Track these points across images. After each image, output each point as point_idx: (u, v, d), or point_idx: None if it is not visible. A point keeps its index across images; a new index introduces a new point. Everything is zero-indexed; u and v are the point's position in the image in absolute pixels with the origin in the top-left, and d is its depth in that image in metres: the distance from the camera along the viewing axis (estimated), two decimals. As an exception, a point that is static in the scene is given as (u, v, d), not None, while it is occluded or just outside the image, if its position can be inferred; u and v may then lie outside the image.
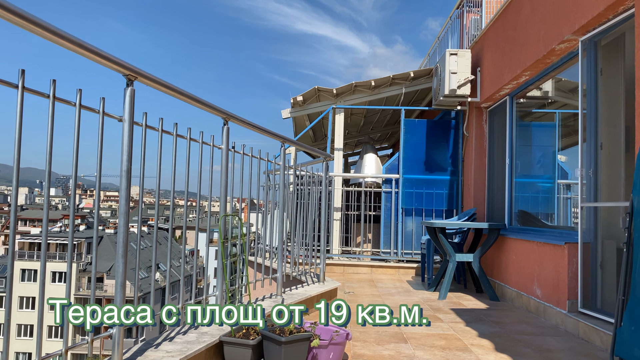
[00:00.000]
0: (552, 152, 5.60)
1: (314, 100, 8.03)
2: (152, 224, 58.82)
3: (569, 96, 5.36)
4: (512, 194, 6.08)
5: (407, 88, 7.91)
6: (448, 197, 7.38)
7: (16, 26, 1.64)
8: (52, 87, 1.82)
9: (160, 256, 45.80)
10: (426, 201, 7.38)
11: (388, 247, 7.42)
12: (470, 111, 7.04)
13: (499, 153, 6.48)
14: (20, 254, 46.97)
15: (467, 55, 6.57)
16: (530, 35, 4.98)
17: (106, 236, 49.39)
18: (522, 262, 5.05)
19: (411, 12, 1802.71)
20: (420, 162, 7.47)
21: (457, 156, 7.40)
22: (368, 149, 8.86)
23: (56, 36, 1.78)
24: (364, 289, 5.95)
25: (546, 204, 5.68)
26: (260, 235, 4.51)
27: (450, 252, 5.58)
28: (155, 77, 2.40)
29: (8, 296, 1.75)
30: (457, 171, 7.38)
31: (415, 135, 7.51)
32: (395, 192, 7.44)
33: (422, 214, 7.38)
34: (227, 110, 3.17)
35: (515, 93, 5.96)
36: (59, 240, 46.58)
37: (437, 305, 5.06)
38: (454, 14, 8.46)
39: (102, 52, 2.02)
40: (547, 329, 4.08)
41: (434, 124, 7.54)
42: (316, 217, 5.27)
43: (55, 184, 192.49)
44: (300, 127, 9.95)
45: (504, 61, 5.74)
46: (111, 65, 2.10)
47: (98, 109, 2.10)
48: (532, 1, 4.96)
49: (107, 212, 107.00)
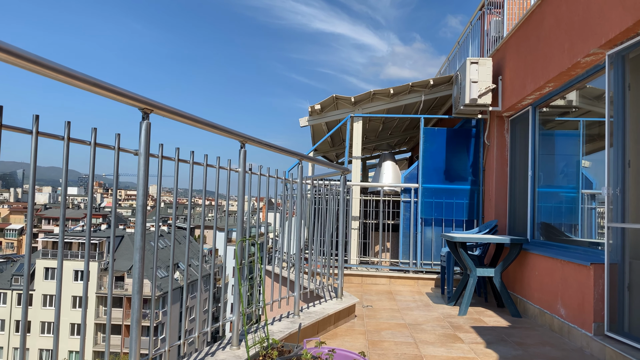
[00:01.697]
0: (576, 161, 5.46)
1: (332, 108, 7.97)
2: (169, 230, 59.22)
3: (593, 103, 5.21)
4: (534, 206, 5.95)
5: (426, 95, 7.81)
6: (468, 207, 7.26)
7: (28, 71, 1.62)
8: (66, 129, 1.80)
9: (179, 255, 46.17)
10: (446, 211, 7.27)
11: (407, 257, 7.34)
12: (492, 120, 6.91)
13: (521, 163, 6.34)
14: (43, 252, 47.88)
15: (488, 63, 6.44)
16: (554, 46, 4.85)
17: (126, 235, 50.03)
18: (545, 279, 4.92)
19: (430, 10, 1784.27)
20: (440, 171, 7.36)
21: (478, 165, 7.28)
22: (386, 157, 8.77)
23: (70, 77, 1.76)
24: (382, 303, 5.88)
25: (570, 215, 5.54)
26: (277, 241, 4.49)
27: (470, 266, 5.47)
28: (171, 107, 2.37)
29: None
30: (478, 181, 7.25)
31: (435, 143, 7.40)
32: (415, 202, 7.34)
33: (441, 224, 7.28)
34: (244, 134, 3.14)
35: (538, 103, 5.82)
36: (81, 239, 47.32)
37: (457, 322, 4.97)
38: (475, 18, 8.32)
39: (117, 88, 2.00)
40: (572, 352, 3.96)
41: (454, 133, 7.42)
42: (334, 229, 5.21)
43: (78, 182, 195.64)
44: (318, 133, 9.90)
45: (527, 71, 5.61)
46: (127, 101, 2.08)
47: (113, 145, 2.08)
48: (556, 12, 4.82)
49: (127, 211, 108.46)
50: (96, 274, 45.34)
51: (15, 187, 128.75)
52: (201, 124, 2.68)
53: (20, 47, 1.53)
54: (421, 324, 4.85)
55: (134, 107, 2.17)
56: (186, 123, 2.57)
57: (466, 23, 8.64)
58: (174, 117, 2.44)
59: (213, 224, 2.81)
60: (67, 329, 43.78)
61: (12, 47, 1.50)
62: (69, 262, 45.90)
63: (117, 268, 45.55)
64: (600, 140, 5.01)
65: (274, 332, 3.47)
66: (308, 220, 5.06)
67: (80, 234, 49.49)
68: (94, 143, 1.95)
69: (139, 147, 2.19)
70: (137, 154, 2.18)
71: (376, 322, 4.87)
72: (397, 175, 8.70)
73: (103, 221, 62.03)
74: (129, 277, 45.79)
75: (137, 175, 2.20)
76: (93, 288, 44.75)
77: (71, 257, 46.60)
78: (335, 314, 4.44)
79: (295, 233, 4.37)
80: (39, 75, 1.67)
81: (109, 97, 2.00)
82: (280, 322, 3.77)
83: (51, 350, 15.77)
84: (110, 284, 2.18)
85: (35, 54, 1.59)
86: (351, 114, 7.69)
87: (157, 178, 2.42)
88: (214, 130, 2.83)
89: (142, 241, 2.17)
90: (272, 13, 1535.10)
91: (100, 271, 46.05)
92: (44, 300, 45.88)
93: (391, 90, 7.59)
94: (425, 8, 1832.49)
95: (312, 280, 5.32)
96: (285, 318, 3.93)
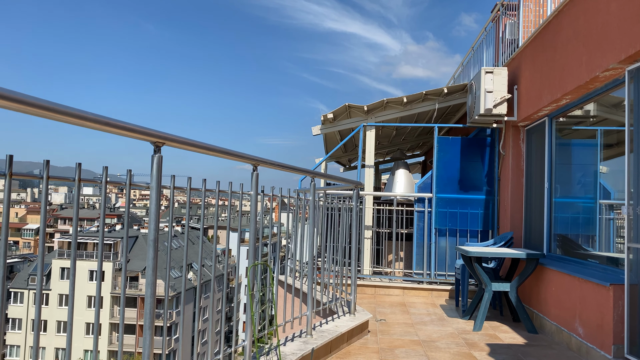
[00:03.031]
0: (594, 171, 5.36)
1: (345, 116, 7.93)
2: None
3: (611, 111, 5.10)
4: (551, 218, 5.85)
5: (440, 103, 7.73)
6: (483, 217, 7.17)
7: (35, 116, 1.60)
8: (77, 171, 1.79)
9: (192, 256, 46.42)
10: (460, 221, 7.18)
11: (421, 268, 7.27)
12: (507, 129, 6.81)
13: (537, 174, 6.24)
14: (59, 252, 48.51)
15: (503, 73, 6.35)
16: (572, 59, 4.75)
17: (141, 235, 50.46)
18: (562, 296, 4.83)
19: (443, 8, 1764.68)
20: (455, 180, 7.28)
21: (493, 175, 7.18)
22: (400, 165, 8.71)
23: (81, 119, 1.74)
24: (396, 316, 5.82)
25: (587, 226, 5.44)
26: (289, 248, 4.47)
27: (486, 281, 5.40)
28: (183, 138, 2.35)
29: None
30: (493, 191, 7.16)
31: (449, 153, 7.32)
32: (428, 212, 7.27)
33: (456, 234, 7.19)
34: (257, 157, 3.12)
35: (554, 115, 5.72)
36: (96, 240, 47.79)
37: (471, 339, 4.90)
38: (489, 24, 8.21)
39: (128, 125, 1.98)
40: (591, 375, 3.88)
41: (469, 142, 7.33)
42: (347, 243, 5.17)
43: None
44: (330, 140, 9.87)
45: (543, 82, 5.51)
46: (139, 136, 2.06)
47: (124, 182, 2.06)
48: (574, 24, 4.73)
49: (141, 211, 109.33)
50: (111, 274, 45.80)
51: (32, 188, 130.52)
52: (213, 151, 2.66)
53: (26, 94, 1.51)
54: (435, 340, 4.79)
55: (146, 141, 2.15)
56: (198, 152, 2.55)
57: (480, 21, 8.59)
58: (186, 148, 2.42)
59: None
60: (82, 328, 44.27)
61: (18, 94, 1.48)
62: (84, 262, 46.42)
63: (132, 268, 45.98)
64: (619, 148, 4.91)
65: (286, 354, 3.44)
66: (321, 232, 5.02)
67: (95, 234, 50.02)
68: (105, 182, 1.93)
69: (150, 181, 2.17)
70: (148, 188, 2.16)
71: (390, 338, 4.82)
72: (411, 183, 8.63)
73: (118, 221, 62.60)
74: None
75: (149, 209, 2.19)
76: (108, 288, 45.23)
77: (86, 257, 47.12)
78: (349, 332, 4.40)
79: (307, 248, 4.34)
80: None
81: (121, 135, 1.98)
82: (292, 343, 3.74)
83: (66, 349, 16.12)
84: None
85: (44, 100, 1.57)
86: (364, 123, 7.64)
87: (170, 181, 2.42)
88: (226, 156, 2.81)
89: (153, 275, 2.15)
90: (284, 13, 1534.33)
91: (115, 271, 46.51)
92: (59, 299, 46.47)
93: (404, 98, 7.53)
94: (438, 6, 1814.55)
95: (325, 293, 5.29)
96: (297, 338, 3.90)
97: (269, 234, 3.79)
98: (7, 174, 1.47)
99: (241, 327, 46.91)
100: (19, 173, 1.55)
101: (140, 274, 46.24)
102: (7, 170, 1.47)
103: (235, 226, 33.28)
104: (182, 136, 2.33)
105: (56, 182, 2.03)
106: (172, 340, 44.68)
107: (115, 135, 1.99)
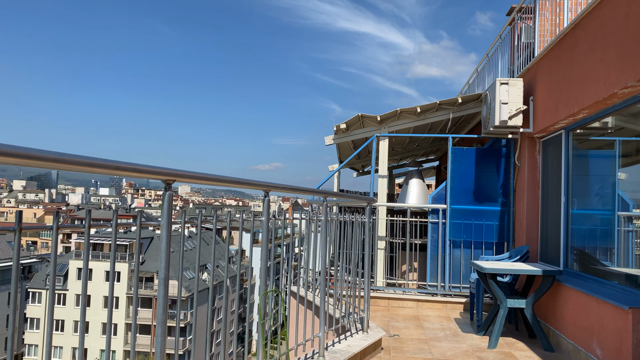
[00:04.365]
0: (612, 182, 5.26)
1: (358, 126, 7.89)
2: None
3: (630, 120, 5.00)
4: (568, 232, 5.75)
5: (454, 113, 7.65)
6: (499, 229, 7.08)
7: (44, 168, 1.60)
8: (87, 217, 1.79)
9: (206, 256, 46.66)
10: (475, 233, 7.10)
11: (435, 279, 7.20)
12: (522, 140, 6.72)
13: (553, 188, 6.14)
14: (76, 253, 49.13)
15: (518, 84, 6.26)
16: (589, 74, 4.67)
17: (156, 236, 50.89)
18: (579, 315, 4.75)
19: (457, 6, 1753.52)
20: (469, 191, 7.20)
21: (508, 186, 7.09)
22: (413, 174, 8.64)
23: (92, 167, 1.74)
24: (409, 331, 5.77)
25: (605, 239, 5.34)
26: (302, 256, 4.46)
27: (501, 297, 5.32)
28: (192, 173, 2.34)
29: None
30: (508, 202, 7.06)
31: (464, 163, 7.24)
32: (443, 223, 7.20)
33: (470, 246, 7.11)
34: (268, 182, 3.10)
35: (571, 128, 5.63)
36: (112, 241, 48.20)
37: (487, 357, 4.83)
38: (505, 31, 8.11)
39: (139, 167, 1.98)
40: (609, 400, 3.80)
41: (484, 152, 7.24)
42: (359, 259, 5.14)
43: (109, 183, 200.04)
44: (344, 148, 9.84)
45: (560, 96, 5.42)
46: (150, 176, 2.06)
47: (135, 222, 2.06)
48: (590, 39, 4.64)
49: (157, 212, 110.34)
50: (126, 275, 46.25)
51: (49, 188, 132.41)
52: (224, 182, 2.66)
53: (34, 148, 1.51)
54: (449, 359, 4.73)
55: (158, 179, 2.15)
56: (210, 184, 2.55)
57: (496, 20, 8.59)
58: (196, 182, 2.42)
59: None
60: (99, 328, 44.81)
61: (29, 150, 1.48)
62: (100, 262, 46.96)
63: (146, 269, 46.39)
64: (637, 157, 4.81)
65: (298, 378, 3.42)
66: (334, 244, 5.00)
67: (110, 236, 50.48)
68: (115, 224, 1.93)
69: (161, 218, 2.17)
70: (159, 227, 2.15)
71: (403, 356, 4.78)
72: (424, 193, 8.56)
73: (133, 222, 63.12)
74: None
75: (160, 247, 2.18)
76: (123, 289, 45.67)
77: (103, 258, 47.66)
78: (361, 352, 4.37)
79: (320, 263, 4.32)
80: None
81: (132, 176, 1.98)
82: (305, 366, 3.72)
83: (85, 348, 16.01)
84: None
85: (54, 152, 1.57)
86: (377, 134, 7.59)
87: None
88: (238, 185, 2.80)
89: (164, 315, 2.14)
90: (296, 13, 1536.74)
91: (130, 272, 46.96)
92: (77, 300, 47.05)
93: (418, 108, 7.47)
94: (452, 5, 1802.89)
95: (337, 306, 5.26)
96: (310, 359, 3.88)
97: (282, 235, 3.79)
98: (16, 230, 1.47)
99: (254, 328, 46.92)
100: (29, 227, 1.55)
101: (155, 275, 46.59)
102: (17, 225, 1.47)
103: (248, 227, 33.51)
104: (191, 171, 2.32)
105: (65, 226, 2.03)
106: (186, 340, 45.01)
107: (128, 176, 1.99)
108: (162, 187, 2.21)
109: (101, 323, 44.82)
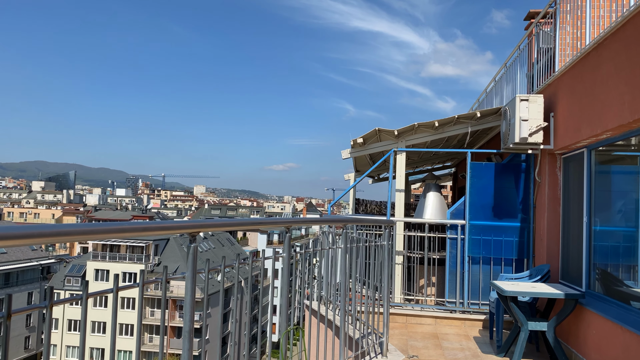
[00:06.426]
0: (636, 199, 5.15)
1: (375, 140, 7.86)
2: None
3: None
4: (590, 252, 5.65)
5: (472, 127, 7.58)
6: (518, 246, 6.99)
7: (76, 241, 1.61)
8: (85, 290, 1.79)
9: (222, 259, 46.92)
10: (494, 249, 7.02)
11: (453, 296, 7.14)
12: (543, 157, 6.62)
13: (574, 206, 6.04)
14: (93, 254, 49.73)
15: (539, 100, 6.17)
16: (613, 96, 4.58)
17: (172, 238, 51.32)
18: (603, 342, 4.67)
19: (471, 4, 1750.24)
20: (488, 207, 7.12)
21: (528, 202, 6.99)
22: (430, 187, 8.58)
23: (122, 232, 1.75)
24: (428, 351, 5.73)
25: (629, 257, 5.23)
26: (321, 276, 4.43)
27: (521, 320, 5.26)
28: (216, 222, 2.34)
29: None
30: (528, 218, 6.97)
31: (483, 179, 7.16)
32: (461, 239, 7.14)
33: (490, 262, 7.04)
34: (289, 219, 3.10)
35: (593, 147, 5.53)
36: (129, 242, 48.79)
37: (508, 383, 4.77)
38: (523, 42, 8.02)
39: (167, 224, 1.99)
40: None
41: (503, 168, 7.16)
42: (378, 281, 5.11)
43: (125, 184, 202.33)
44: (360, 159, 9.81)
45: (582, 115, 5.33)
46: (176, 231, 2.07)
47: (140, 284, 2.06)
48: (615, 59, 4.55)
49: (172, 212, 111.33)
50: (143, 277, 46.64)
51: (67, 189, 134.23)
52: (247, 225, 2.66)
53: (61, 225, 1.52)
54: (470, 384, 4.68)
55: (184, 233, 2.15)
56: (232, 229, 2.55)
57: (513, 18, 8.48)
58: (219, 229, 2.42)
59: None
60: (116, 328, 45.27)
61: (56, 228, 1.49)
62: (117, 264, 47.53)
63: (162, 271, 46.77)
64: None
65: (319, 412, 3.41)
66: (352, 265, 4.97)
67: (127, 239, 51.06)
68: (116, 290, 1.93)
69: (187, 271, 2.17)
70: (184, 279, 2.16)
71: (423, 381, 4.74)
72: (442, 206, 8.49)
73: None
74: (173, 279, 46.97)
75: (184, 298, 2.19)
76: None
77: (119, 260, 48.20)
78: (381, 378, 4.35)
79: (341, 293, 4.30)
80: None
81: (161, 234, 1.99)
82: (325, 397, 3.71)
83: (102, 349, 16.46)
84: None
85: (81, 226, 1.58)
86: (394, 149, 7.55)
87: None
88: (260, 227, 2.80)
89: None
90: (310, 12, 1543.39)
91: (146, 273, 47.41)
92: (94, 300, 47.60)
93: (436, 122, 7.42)
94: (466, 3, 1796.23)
95: (356, 326, 5.24)
96: (330, 389, 3.87)
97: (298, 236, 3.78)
98: (5, 315, 1.48)
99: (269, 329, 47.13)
100: (17, 311, 1.56)
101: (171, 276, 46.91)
102: (7, 310, 1.47)
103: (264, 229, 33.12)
104: (212, 221, 2.32)
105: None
106: (202, 341, 45.30)
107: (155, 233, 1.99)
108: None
109: (118, 323, 45.32)
